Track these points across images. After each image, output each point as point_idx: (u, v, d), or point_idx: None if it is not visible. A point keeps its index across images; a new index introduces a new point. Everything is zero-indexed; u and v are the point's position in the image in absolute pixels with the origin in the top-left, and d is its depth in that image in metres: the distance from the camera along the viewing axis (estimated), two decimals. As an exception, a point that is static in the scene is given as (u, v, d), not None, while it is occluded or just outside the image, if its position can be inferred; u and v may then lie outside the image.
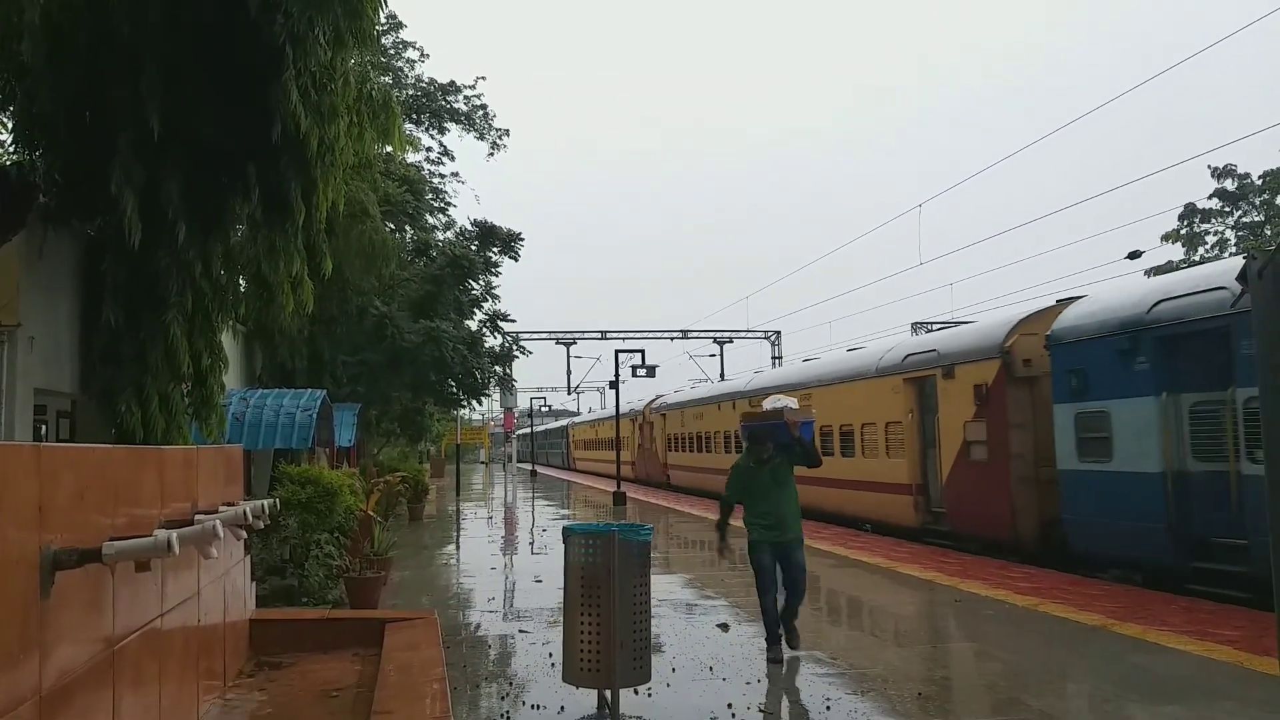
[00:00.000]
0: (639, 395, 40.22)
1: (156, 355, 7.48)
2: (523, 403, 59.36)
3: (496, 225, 23.18)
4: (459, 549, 16.22)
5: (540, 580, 11.24)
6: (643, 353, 28.43)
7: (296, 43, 6.98)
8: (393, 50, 22.73)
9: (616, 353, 27.40)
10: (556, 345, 44.58)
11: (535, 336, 41.17)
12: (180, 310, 7.56)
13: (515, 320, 25.28)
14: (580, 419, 62.20)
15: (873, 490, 16.75)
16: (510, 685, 6.41)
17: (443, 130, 24.81)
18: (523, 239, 23.40)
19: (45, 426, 8.57)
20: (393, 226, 19.70)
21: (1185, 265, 34.44)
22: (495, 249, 23.20)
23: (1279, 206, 39.23)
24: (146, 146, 6.84)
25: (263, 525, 3.95)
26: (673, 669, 6.70)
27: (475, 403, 27.93)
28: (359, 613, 7.86)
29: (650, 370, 28.29)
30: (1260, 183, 39.27)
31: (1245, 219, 40.03)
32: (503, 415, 58.67)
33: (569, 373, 47.02)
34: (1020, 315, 13.43)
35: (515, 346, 25.60)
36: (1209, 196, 39.96)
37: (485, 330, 23.40)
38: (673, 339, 46.41)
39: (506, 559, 14.31)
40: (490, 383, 24.31)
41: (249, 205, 7.73)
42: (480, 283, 22.78)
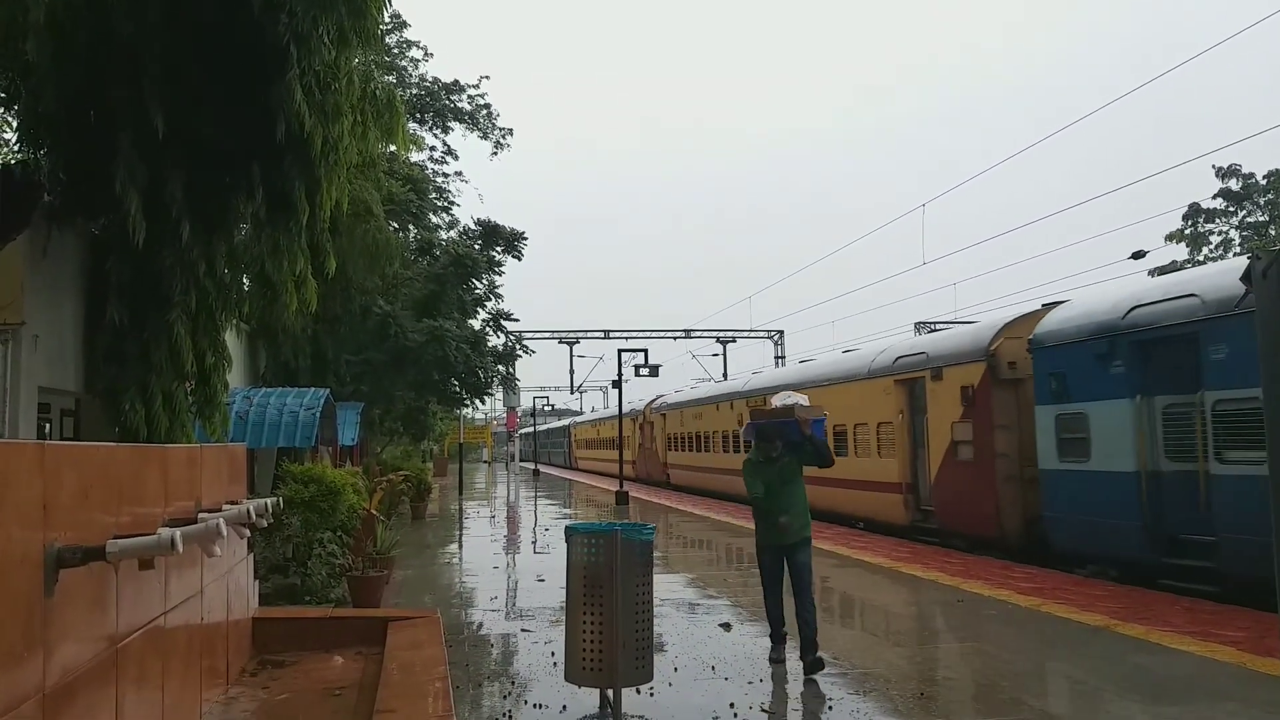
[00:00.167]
0: (641, 395, 40.25)
1: (160, 354, 7.48)
2: (525, 402, 59.41)
3: (500, 224, 23.23)
4: (462, 548, 16.23)
5: (543, 579, 11.24)
6: (646, 352, 28.37)
7: (300, 42, 6.99)
8: (397, 49, 22.72)
9: (620, 352, 27.36)
10: (559, 345, 44.63)
11: (538, 336, 41.21)
12: (184, 309, 7.57)
13: (518, 319, 25.35)
14: (582, 418, 62.23)
15: (865, 489, 16.91)
16: (512, 684, 6.41)
17: (446, 129, 24.80)
18: (526, 238, 23.45)
19: (49, 425, 8.60)
20: (396, 225, 19.72)
21: (1190, 265, 34.39)
22: (498, 248, 23.24)
23: (1283, 206, 39.18)
24: (150, 146, 6.86)
25: (266, 524, 3.96)
26: (675, 668, 6.70)
27: (478, 402, 27.98)
28: (362, 611, 7.84)
29: (654, 370, 28.24)
30: (1265, 183, 39.20)
31: (1250, 219, 39.97)
32: (505, 414, 58.65)
33: (572, 372, 47.03)
34: (1006, 319, 13.69)
35: (518, 345, 25.63)
36: (1213, 196, 39.95)
37: (488, 329, 23.45)
38: (676, 338, 46.48)
39: (509, 558, 14.30)
40: (493, 382, 24.32)
41: (253, 204, 7.74)
42: (483, 282, 22.80)
